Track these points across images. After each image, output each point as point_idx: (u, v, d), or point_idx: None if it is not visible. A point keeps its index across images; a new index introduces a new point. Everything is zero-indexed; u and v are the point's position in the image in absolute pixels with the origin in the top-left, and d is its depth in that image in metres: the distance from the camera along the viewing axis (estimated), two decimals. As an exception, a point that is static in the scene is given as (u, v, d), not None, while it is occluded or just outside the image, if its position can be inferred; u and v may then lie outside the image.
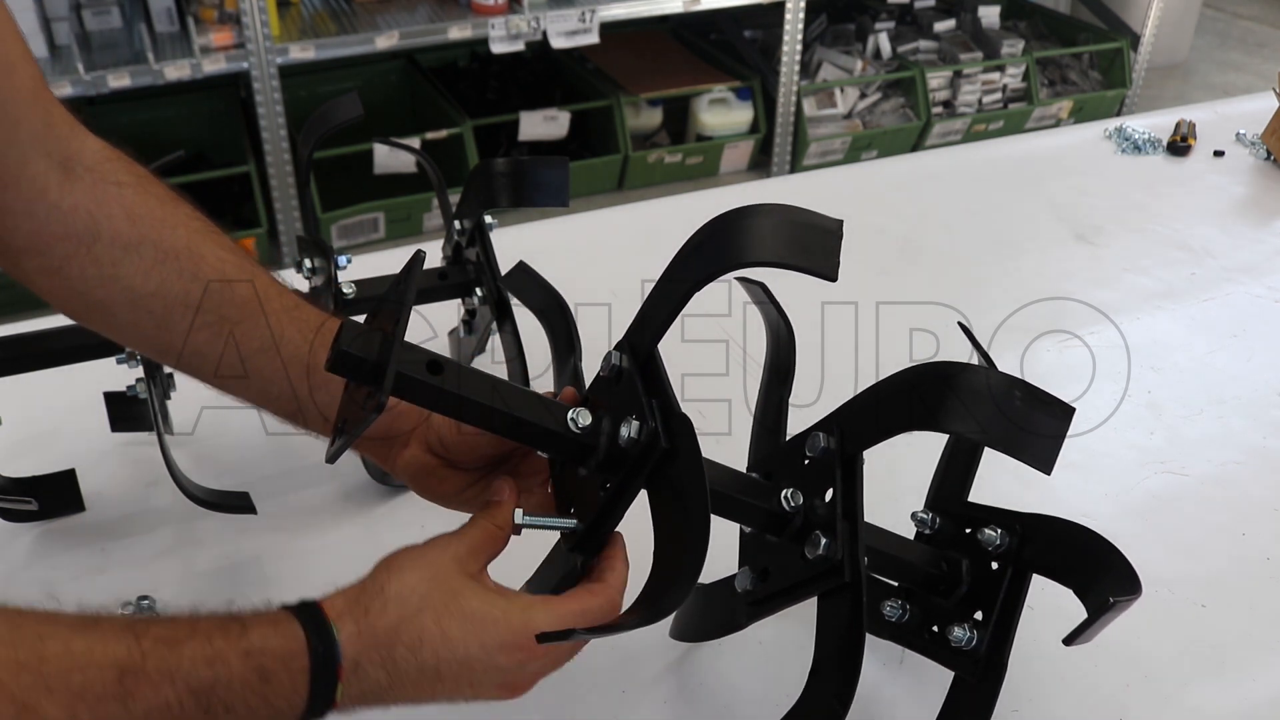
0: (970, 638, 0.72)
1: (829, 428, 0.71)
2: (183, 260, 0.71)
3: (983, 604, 0.73)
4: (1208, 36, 5.02)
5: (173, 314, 0.71)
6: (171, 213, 0.72)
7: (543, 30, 3.20)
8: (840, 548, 0.66)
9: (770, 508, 0.70)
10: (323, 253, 0.98)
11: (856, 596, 0.66)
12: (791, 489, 0.70)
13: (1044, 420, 0.62)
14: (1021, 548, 0.73)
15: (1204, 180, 1.63)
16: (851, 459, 0.70)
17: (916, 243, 1.45)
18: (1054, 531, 0.72)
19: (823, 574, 0.67)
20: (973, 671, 0.71)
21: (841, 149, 3.79)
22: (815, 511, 0.69)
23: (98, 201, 0.69)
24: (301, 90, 3.38)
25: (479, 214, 1.01)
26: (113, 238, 0.69)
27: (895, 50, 3.98)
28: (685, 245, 0.66)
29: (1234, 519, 1.01)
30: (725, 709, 0.82)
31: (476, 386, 0.65)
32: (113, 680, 0.52)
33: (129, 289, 0.70)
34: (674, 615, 0.84)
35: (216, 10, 2.99)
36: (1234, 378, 1.20)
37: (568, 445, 0.67)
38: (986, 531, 0.73)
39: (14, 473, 0.96)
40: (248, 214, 3.20)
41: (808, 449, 0.71)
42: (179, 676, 0.53)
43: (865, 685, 0.84)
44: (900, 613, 0.77)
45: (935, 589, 0.75)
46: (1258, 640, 0.89)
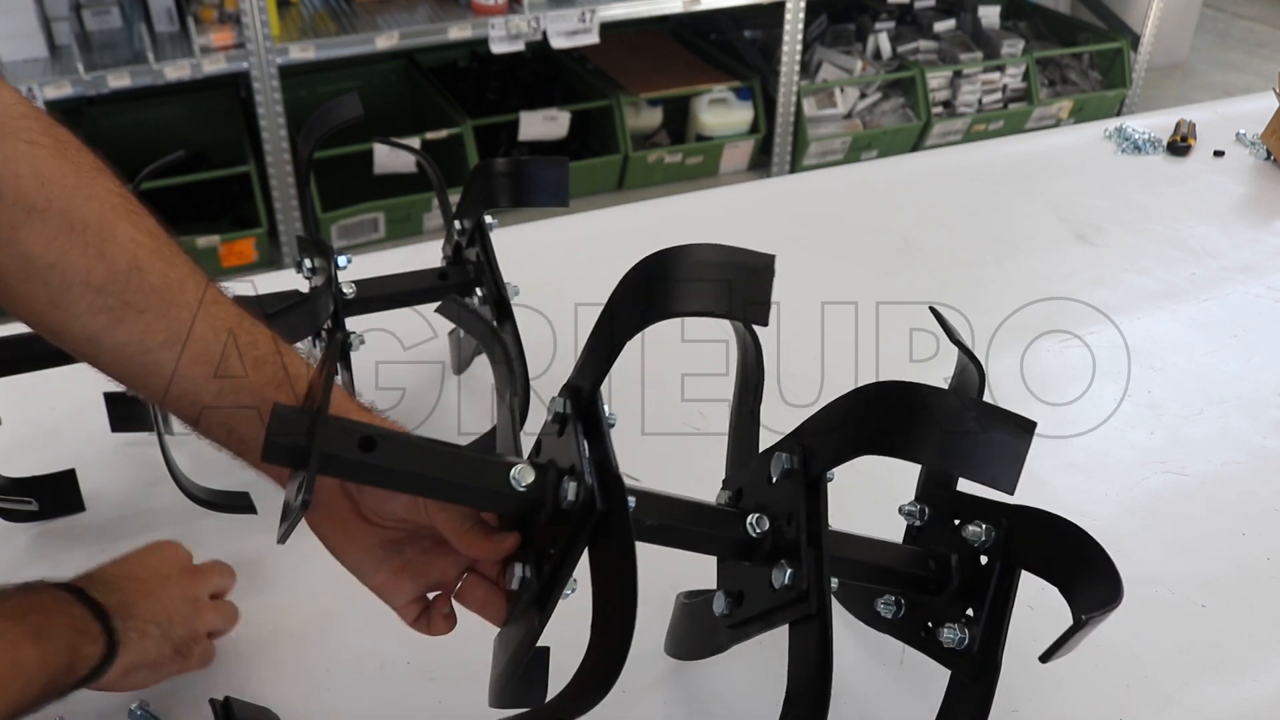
0: (962, 638, 0.71)
1: (791, 447, 0.69)
2: (90, 235, 0.65)
3: (973, 600, 0.72)
4: (1208, 36, 5.02)
5: (70, 291, 0.64)
6: (88, 183, 0.66)
7: (543, 30, 3.20)
8: (805, 576, 0.64)
9: (736, 536, 0.68)
10: (323, 253, 0.98)
11: (824, 626, 0.64)
12: (757, 514, 0.68)
13: (1003, 439, 0.60)
14: (1009, 542, 0.71)
15: (1204, 180, 1.63)
16: (816, 480, 0.67)
17: (916, 243, 1.45)
18: (1039, 525, 0.70)
19: (790, 603, 0.65)
20: (967, 670, 0.71)
21: (841, 149, 3.79)
22: (783, 534, 0.67)
23: (3, 158, 0.63)
24: (301, 90, 3.38)
25: (479, 214, 1.01)
26: (16, 198, 0.63)
27: (895, 50, 3.98)
28: (618, 288, 0.63)
29: (1234, 519, 1.01)
30: (726, 710, 0.82)
31: (415, 456, 0.62)
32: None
33: (25, 256, 0.63)
34: (667, 630, 0.84)
35: (216, 10, 2.99)
36: (1234, 378, 1.20)
37: (514, 505, 0.65)
38: (971, 528, 0.72)
39: (14, 473, 0.96)
40: (248, 214, 3.20)
41: (772, 468, 0.69)
42: None
43: (867, 684, 0.84)
44: (895, 609, 0.76)
45: (925, 588, 0.74)
46: (1258, 640, 0.89)
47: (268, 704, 0.79)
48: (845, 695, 0.83)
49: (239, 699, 0.78)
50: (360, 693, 0.82)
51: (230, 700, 0.77)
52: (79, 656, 0.68)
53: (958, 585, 0.73)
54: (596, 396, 0.64)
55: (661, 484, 0.79)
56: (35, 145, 0.64)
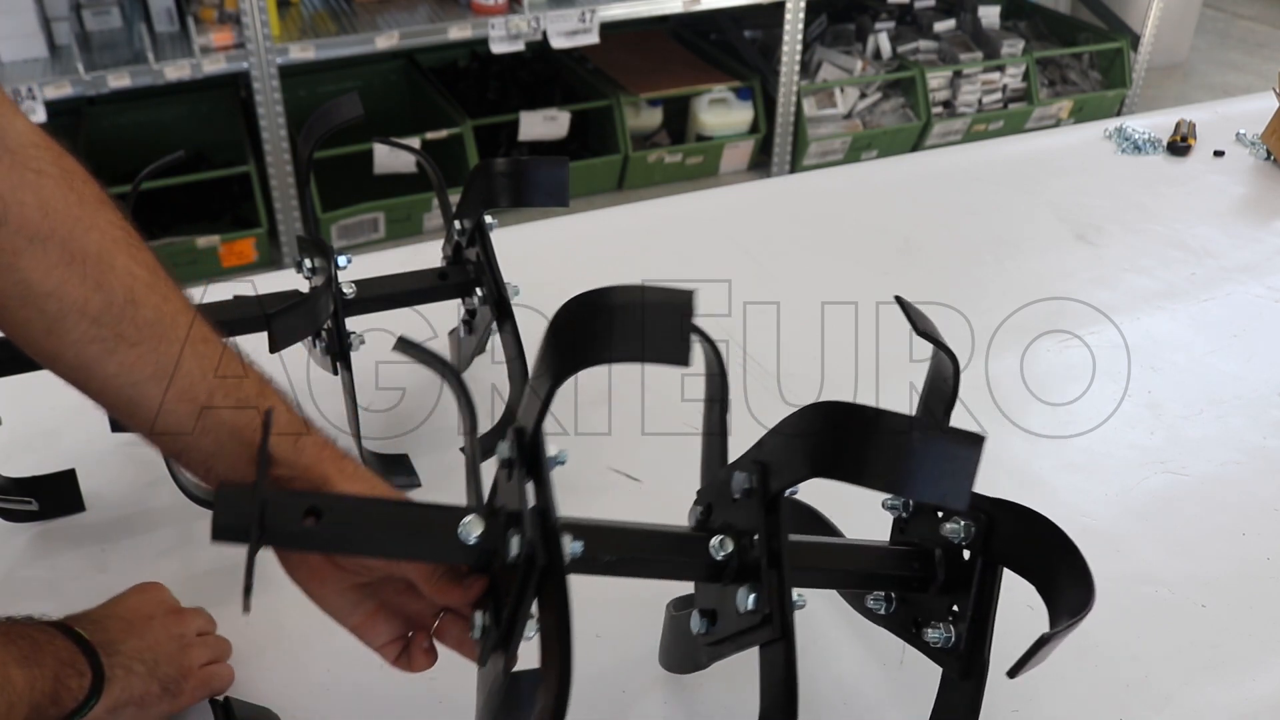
0: (948, 637, 0.70)
1: (749, 465, 0.67)
2: (89, 266, 0.66)
3: (960, 595, 0.71)
4: (1208, 36, 5.02)
5: (66, 320, 0.65)
6: (91, 214, 0.67)
7: (543, 30, 3.20)
8: (768, 600, 0.63)
9: (700, 561, 0.67)
10: (323, 253, 0.98)
11: (788, 650, 0.62)
12: (720, 536, 0.67)
13: (951, 455, 0.57)
14: (989, 537, 0.70)
15: (1204, 180, 1.63)
16: (775, 499, 0.65)
17: (916, 243, 1.45)
18: (1017, 521, 0.69)
19: (755, 627, 0.64)
20: (956, 669, 0.70)
21: (841, 149, 3.79)
22: (747, 553, 0.66)
23: (10, 185, 0.64)
24: (301, 90, 3.38)
25: (479, 214, 1.01)
26: (19, 225, 0.64)
27: (895, 50, 3.98)
28: (547, 331, 0.62)
29: (1234, 519, 1.01)
30: (726, 710, 0.82)
31: (363, 520, 0.63)
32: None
33: (24, 283, 0.64)
34: (660, 641, 0.83)
35: (216, 10, 2.99)
36: (1234, 378, 1.20)
37: (467, 557, 0.65)
38: (949, 525, 0.70)
39: (14, 473, 0.96)
40: (248, 214, 3.20)
41: (733, 487, 0.67)
42: None
43: (866, 684, 0.84)
44: (885, 605, 0.75)
45: (910, 587, 0.73)
46: (1258, 640, 0.89)
47: (268, 704, 0.79)
48: (846, 695, 0.83)
49: (239, 699, 0.78)
50: (360, 693, 0.82)
51: (230, 700, 0.77)
52: (65, 689, 0.69)
53: (943, 581, 0.72)
54: (539, 440, 0.63)
55: (662, 484, 0.79)
56: (42, 174, 0.66)
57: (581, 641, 0.62)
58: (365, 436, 0.98)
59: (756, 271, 1.35)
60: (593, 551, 0.65)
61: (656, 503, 0.77)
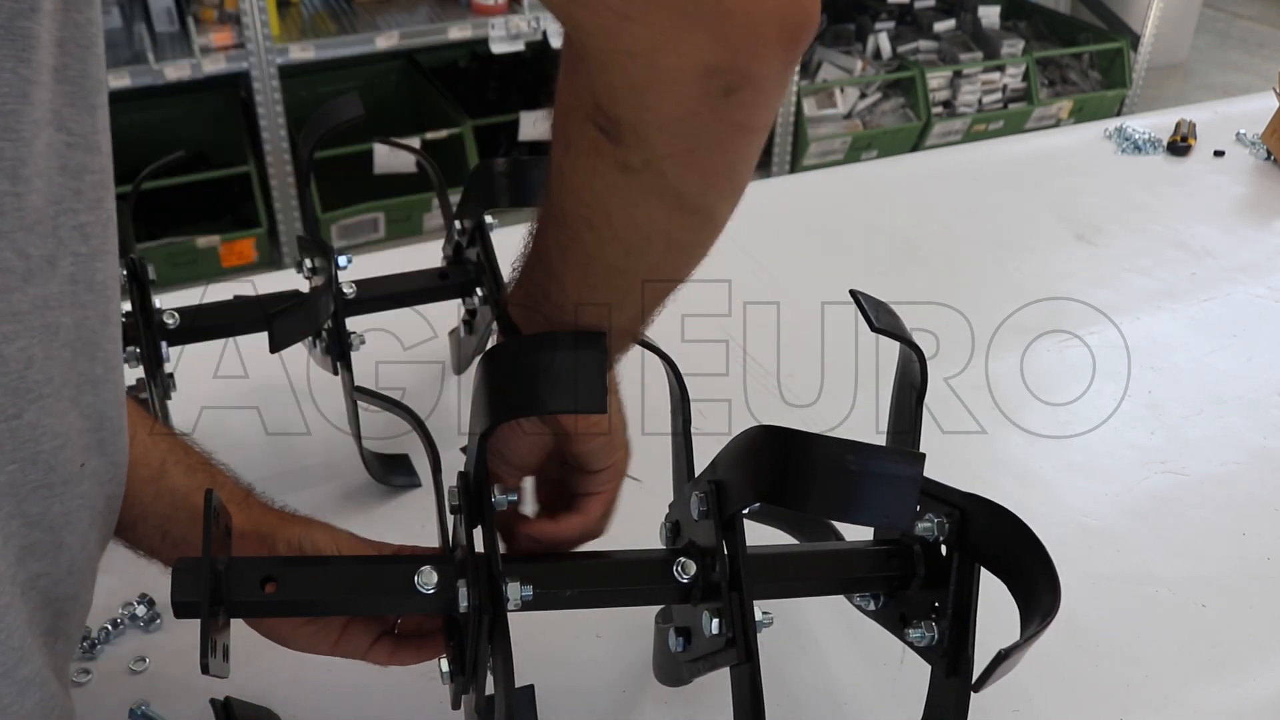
0: (931, 636, 0.69)
1: (704, 485, 0.65)
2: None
3: (940, 592, 0.70)
4: (1208, 36, 5.02)
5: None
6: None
7: (543, 30, 3.20)
8: (729, 625, 0.62)
9: (666, 586, 0.67)
10: (323, 253, 0.98)
11: (753, 673, 0.62)
12: (683, 558, 0.67)
13: (891, 476, 0.56)
14: (963, 532, 0.68)
15: (1204, 180, 1.63)
16: (731, 520, 0.64)
17: (916, 243, 1.45)
18: (989, 518, 0.67)
19: (721, 650, 0.64)
20: (942, 666, 0.69)
21: (841, 149, 3.79)
22: (711, 572, 0.65)
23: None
24: (301, 90, 3.38)
25: (479, 214, 1.01)
26: None
27: (895, 50, 3.98)
28: (474, 379, 0.64)
29: (1234, 519, 1.01)
30: (726, 710, 0.82)
31: (324, 578, 0.64)
32: None
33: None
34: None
35: (216, 10, 2.99)
36: (1234, 378, 1.20)
37: (426, 607, 0.65)
38: (922, 524, 0.69)
39: (14, 473, 0.95)
40: (248, 214, 3.20)
41: (691, 506, 0.66)
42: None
43: (866, 684, 0.84)
44: (872, 602, 0.74)
45: (892, 585, 0.73)
46: (1258, 640, 0.89)
47: (268, 704, 0.79)
48: (846, 695, 0.84)
49: (239, 699, 0.78)
50: (360, 693, 0.82)
51: (230, 700, 0.77)
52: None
53: (924, 576, 0.71)
54: (481, 487, 0.63)
55: (662, 484, 0.79)
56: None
57: (582, 641, 0.63)
58: (365, 436, 0.98)
59: (756, 271, 1.35)
60: (554, 585, 0.65)
61: (657, 503, 0.77)
